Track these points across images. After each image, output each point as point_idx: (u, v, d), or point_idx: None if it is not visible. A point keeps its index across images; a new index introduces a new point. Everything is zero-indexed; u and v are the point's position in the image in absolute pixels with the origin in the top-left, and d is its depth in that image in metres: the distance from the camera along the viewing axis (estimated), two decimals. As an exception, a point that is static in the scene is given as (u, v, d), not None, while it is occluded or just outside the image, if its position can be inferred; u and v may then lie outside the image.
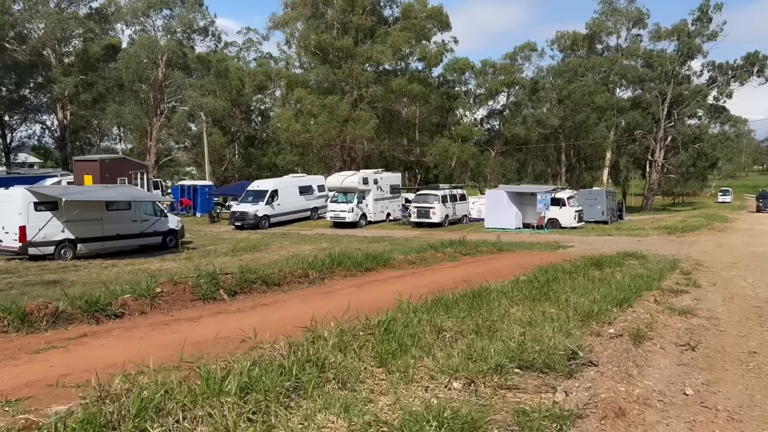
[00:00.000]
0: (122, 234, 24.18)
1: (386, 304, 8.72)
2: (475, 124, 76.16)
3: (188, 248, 25.73)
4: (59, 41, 51.46)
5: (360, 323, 6.75)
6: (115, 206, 24.07)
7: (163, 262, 21.33)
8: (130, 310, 8.38)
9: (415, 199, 34.80)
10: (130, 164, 40.23)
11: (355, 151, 52.87)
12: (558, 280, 11.79)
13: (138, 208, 24.81)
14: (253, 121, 65.45)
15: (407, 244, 24.29)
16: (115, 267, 20.25)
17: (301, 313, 8.35)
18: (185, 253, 24.02)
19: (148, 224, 25.04)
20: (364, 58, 50.43)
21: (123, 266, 20.48)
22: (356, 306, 9.12)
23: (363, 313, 7.45)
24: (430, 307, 8.00)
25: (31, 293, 14.41)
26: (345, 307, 9.15)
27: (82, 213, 22.67)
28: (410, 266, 14.71)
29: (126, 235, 24.33)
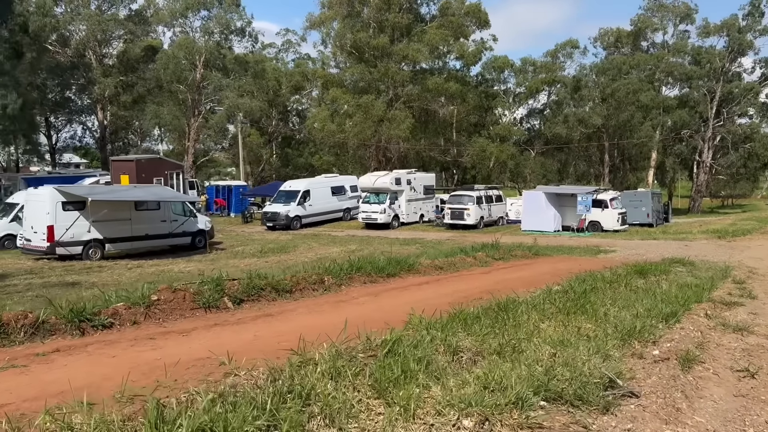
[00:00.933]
0: (151, 234, 23.90)
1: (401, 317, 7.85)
2: (515, 124, 74.41)
3: (217, 249, 25.34)
4: (99, 43, 52.14)
5: (361, 343, 5.86)
6: (144, 206, 23.81)
7: (188, 264, 20.89)
8: (122, 320, 7.70)
9: (449, 200, 33.77)
10: (166, 164, 40.31)
11: (390, 151, 52.04)
12: (596, 290, 10.69)
13: (167, 208, 24.50)
14: (290, 122, 65.27)
15: (438, 247, 23.35)
16: (140, 268, 19.88)
17: (303, 327, 7.53)
18: (213, 254, 23.61)
19: (177, 224, 24.71)
20: (400, 57, 49.56)
21: (147, 267, 20.11)
22: (367, 318, 8.27)
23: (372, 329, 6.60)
24: (447, 322, 7.06)
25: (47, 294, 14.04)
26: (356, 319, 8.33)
27: (110, 213, 22.45)
28: (437, 272, 13.77)
29: (155, 235, 24.05)
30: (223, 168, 73.39)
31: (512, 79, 73.94)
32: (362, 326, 7.56)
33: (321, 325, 7.70)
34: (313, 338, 6.20)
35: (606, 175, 65.81)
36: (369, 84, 50.89)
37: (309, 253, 22.26)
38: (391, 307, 9.19)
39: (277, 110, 61.73)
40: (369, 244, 25.34)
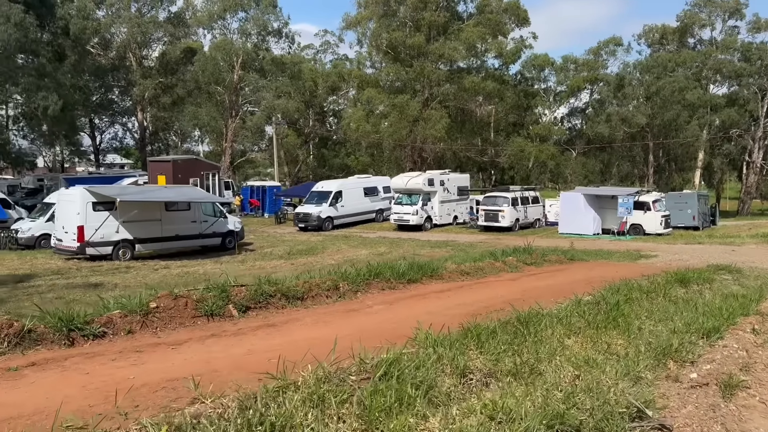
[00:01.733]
0: (181, 235, 23.82)
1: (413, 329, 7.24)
2: (555, 123, 72.82)
3: (247, 250, 25.16)
4: (139, 45, 52.93)
5: (355, 363, 5.27)
6: (174, 207, 23.74)
7: (215, 265, 20.70)
8: (116, 329, 7.29)
9: (483, 201, 32.90)
10: (202, 165, 40.49)
11: (426, 151, 51.35)
12: (631, 301, 9.85)
13: (197, 209, 24.39)
14: (327, 123, 65.20)
15: (470, 250, 22.63)
16: (166, 269, 19.75)
17: (304, 340, 6.99)
18: (242, 256, 23.41)
19: (207, 225, 24.58)
20: (436, 56, 48.84)
21: (174, 269, 19.97)
22: (376, 330, 7.66)
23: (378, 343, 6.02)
24: (457, 338, 6.41)
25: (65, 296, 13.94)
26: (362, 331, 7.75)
27: (140, 213, 22.42)
28: (462, 278, 13.06)
29: (185, 236, 23.96)
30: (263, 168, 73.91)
31: (553, 77, 72.55)
32: (367, 340, 6.96)
33: (324, 337, 7.14)
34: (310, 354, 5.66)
35: (650, 176, 63.70)
36: (404, 84, 50.38)
37: (336, 256, 21.82)
38: (404, 317, 8.56)
39: (314, 111, 61.70)
40: (399, 246, 24.77)
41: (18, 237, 25.24)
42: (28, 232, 25.32)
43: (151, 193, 24.78)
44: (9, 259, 21.12)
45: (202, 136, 66.84)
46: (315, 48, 69.05)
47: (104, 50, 52.21)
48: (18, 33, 32.96)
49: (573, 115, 75.20)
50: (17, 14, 32.64)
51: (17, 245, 24.86)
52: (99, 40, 50.82)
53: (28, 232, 25.31)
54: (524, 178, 59.33)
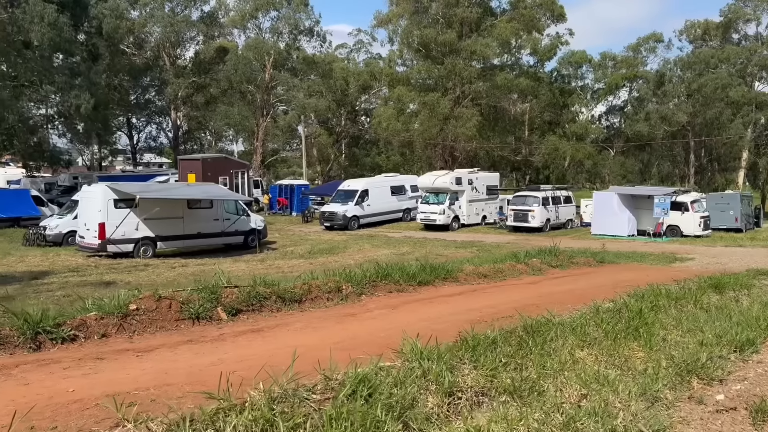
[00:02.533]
0: (203, 233, 23.61)
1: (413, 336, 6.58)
2: (593, 122, 71.03)
3: (269, 249, 24.83)
4: (173, 45, 53.35)
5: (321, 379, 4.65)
6: (197, 204, 23.53)
7: (233, 264, 20.36)
8: (89, 333, 6.83)
9: (512, 201, 31.89)
10: (232, 163, 40.53)
11: (457, 150, 50.42)
12: (658, 308, 8.98)
13: (220, 207, 24.13)
14: (358, 122, 64.78)
15: (496, 251, 21.81)
16: (183, 268, 19.49)
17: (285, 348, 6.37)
18: (263, 254, 23.05)
19: (230, 223, 24.33)
20: (468, 53, 47.83)
21: (191, 267, 19.69)
22: (367, 338, 7.01)
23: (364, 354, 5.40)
24: (449, 350, 5.72)
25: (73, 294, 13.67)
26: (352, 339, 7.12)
27: (162, 211, 22.24)
28: (478, 281, 12.32)
29: (207, 233, 23.74)
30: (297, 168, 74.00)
31: (590, 74, 70.95)
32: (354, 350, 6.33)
33: (308, 345, 6.54)
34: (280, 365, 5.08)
35: (692, 176, 61.52)
36: (435, 81, 49.56)
37: (357, 255, 21.26)
38: (403, 323, 7.88)
39: (346, 110, 61.35)
40: (423, 246, 24.10)
41: (46, 234, 25.33)
42: (56, 229, 25.41)
43: (172, 190, 24.63)
44: (32, 256, 21.15)
45: (235, 136, 67.19)
46: (349, 47, 68.82)
47: (138, 50, 52.78)
48: (52, 32, 33.28)
49: (611, 114, 73.35)
50: (51, 14, 32.98)
51: (45, 242, 24.96)
52: (133, 39, 51.36)
53: (55, 229, 25.41)
54: (560, 178, 58.02)
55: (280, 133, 56.09)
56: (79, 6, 37.91)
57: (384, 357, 5.67)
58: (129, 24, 48.20)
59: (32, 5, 32.73)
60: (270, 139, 56.68)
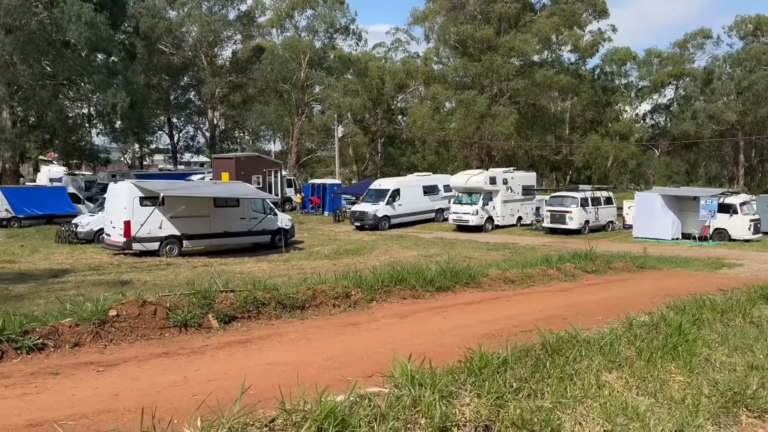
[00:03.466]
0: (230, 232, 23.22)
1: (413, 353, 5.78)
2: (637, 120, 68.63)
3: (296, 248, 24.33)
4: (210, 44, 53.58)
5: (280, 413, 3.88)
6: (223, 203, 23.15)
7: (256, 264, 19.88)
8: (60, 341, 6.23)
9: (549, 201, 30.59)
10: (265, 162, 40.36)
11: (494, 149, 49.19)
12: (701, 323, 7.95)
13: (247, 206, 23.71)
14: (394, 121, 64.03)
15: (529, 254, 20.74)
16: (206, 267, 19.02)
17: (268, 365, 5.65)
18: (288, 254, 22.55)
19: (256, 222, 23.88)
20: (506, 49, 46.56)
21: (214, 266, 19.19)
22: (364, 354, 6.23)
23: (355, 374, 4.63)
24: (447, 373, 4.89)
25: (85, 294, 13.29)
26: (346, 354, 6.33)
27: (189, 209, 21.91)
28: (503, 287, 11.40)
29: (233, 232, 23.35)
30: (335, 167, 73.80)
31: (634, 72, 68.64)
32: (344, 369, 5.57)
33: (295, 362, 5.80)
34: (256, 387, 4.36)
35: (741, 177, 58.86)
36: (472, 79, 48.48)
37: (383, 256, 20.50)
38: (408, 336, 7.09)
39: (382, 109, 60.66)
40: (452, 248, 23.18)
41: (77, 231, 25.35)
42: (87, 226, 25.40)
43: (197, 188, 24.30)
44: (59, 253, 21.08)
45: (272, 135, 67.24)
46: (386, 46, 68.09)
47: (176, 49, 53.18)
48: (89, 32, 33.50)
49: (656, 112, 70.78)
50: (88, 13, 33.19)
51: (77, 239, 24.98)
52: (171, 39, 51.75)
53: (86, 227, 25.40)
54: (602, 179, 56.25)
55: (315, 132, 55.77)
56: (117, 5, 38.18)
57: (371, 380, 4.88)
58: (166, 23, 48.53)
59: (70, 4, 33.00)
60: (305, 138, 56.42)
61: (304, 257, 21.66)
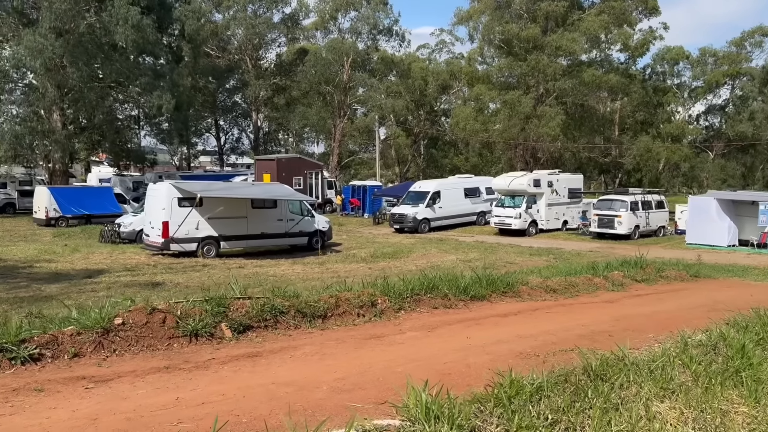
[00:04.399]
0: (267, 233, 22.99)
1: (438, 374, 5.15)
2: (690, 122, 65.97)
3: (333, 251, 23.93)
4: (255, 47, 53.88)
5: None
6: (261, 204, 22.91)
7: (291, 266, 19.53)
8: (58, 351, 5.83)
9: (597, 205, 29.31)
10: (306, 164, 40.23)
11: (540, 150, 47.88)
12: (766, 343, 7.03)
13: (284, 207, 23.42)
14: (437, 122, 63.19)
15: (575, 260, 19.80)
16: (240, 269, 18.81)
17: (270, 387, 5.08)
18: (324, 257, 22.16)
19: (294, 224, 23.58)
20: (553, 48, 45.27)
21: (249, 268, 19.01)
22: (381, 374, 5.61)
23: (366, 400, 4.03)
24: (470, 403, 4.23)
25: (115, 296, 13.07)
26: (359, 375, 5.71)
27: (227, 210, 21.77)
28: (544, 297, 10.61)
29: (271, 234, 23.10)
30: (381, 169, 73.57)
31: (688, 71, 65.92)
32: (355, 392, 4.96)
33: (303, 382, 5.23)
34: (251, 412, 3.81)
35: (803, 181, 55.73)
36: (517, 79, 47.37)
37: (421, 261, 19.86)
38: (434, 353, 6.43)
39: (424, 110, 59.93)
40: (493, 252, 22.37)
41: (120, 231, 25.52)
42: (130, 226, 25.53)
43: (234, 189, 24.15)
44: (99, 253, 21.17)
45: (316, 137, 67.33)
46: (430, 47, 67.26)
47: (222, 52, 53.70)
48: (136, 35, 33.91)
49: (710, 113, 67.89)
50: (135, 16, 33.59)
51: (120, 239, 25.16)
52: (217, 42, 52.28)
53: (129, 227, 25.53)
54: (653, 181, 54.28)
55: (357, 134, 55.45)
56: (163, 8, 38.60)
57: (382, 409, 4.26)
58: (212, 26, 49.03)
59: (117, 8, 33.46)
60: (347, 140, 56.17)
61: (340, 260, 21.22)
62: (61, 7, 31.95)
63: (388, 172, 68.21)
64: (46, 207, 30.01)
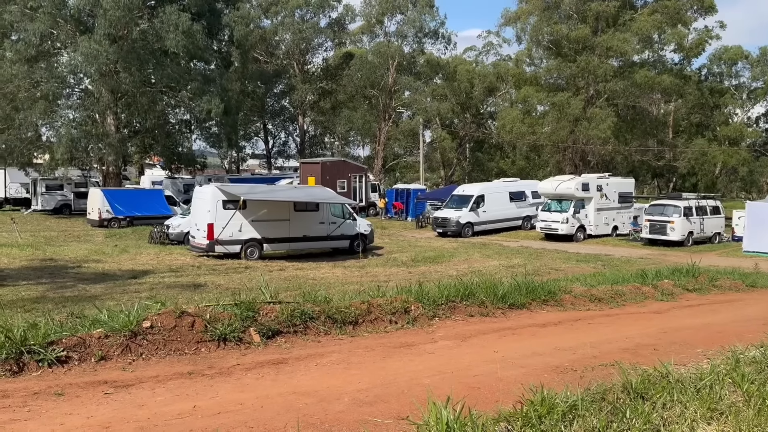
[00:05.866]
0: (309, 236, 23.08)
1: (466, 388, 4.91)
2: (749, 124, 63.21)
3: (374, 254, 23.90)
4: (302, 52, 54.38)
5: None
6: (303, 207, 23.02)
7: (331, 270, 19.52)
8: (86, 353, 5.82)
9: (649, 210, 28.38)
10: (350, 167, 40.30)
11: (590, 154, 46.69)
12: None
13: (326, 210, 23.46)
14: (483, 125, 62.44)
15: (624, 267, 19.16)
16: (281, 271, 18.94)
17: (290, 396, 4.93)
18: (365, 260, 22.12)
19: (335, 227, 23.60)
20: (604, 49, 44.11)
21: (289, 271, 19.11)
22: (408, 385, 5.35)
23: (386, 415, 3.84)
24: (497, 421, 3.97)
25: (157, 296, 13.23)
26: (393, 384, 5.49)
27: (269, 213, 21.95)
28: (588, 305, 10.18)
29: (312, 237, 23.20)
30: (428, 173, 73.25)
31: (747, 72, 63.07)
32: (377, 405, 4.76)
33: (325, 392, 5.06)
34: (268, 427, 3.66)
35: None
36: (567, 80, 46.35)
37: (462, 266, 19.55)
38: (465, 365, 6.17)
39: (470, 113, 59.30)
40: (539, 258, 21.85)
41: (169, 233, 26.03)
42: (178, 228, 26.02)
43: (277, 192, 24.31)
44: (146, 254, 21.62)
45: (361, 140, 67.47)
46: (477, 50, 66.59)
47: (270, 57, 54.37)
48: (186, 40, 34.64)
49: (772, 115, 64.86)
50: (185, 22, 34.34)
51: (168, 240, 25.67)
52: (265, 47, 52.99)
53: (177, 228, 26.02)
54: (708, 186, 52.22)
55: (402, 137, 55.25)
56: (213, 15, 39.33)
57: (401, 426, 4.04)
58: (260, 32, 49.70)
59: (168, 14, 34.27)
60: (392, 143, 56.03)
61: (381, 264, 21.12)
62: (116, 14, 32.87)
63: (433, 175, 67.79)
64: (99, 208, 30.86)
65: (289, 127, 64.73)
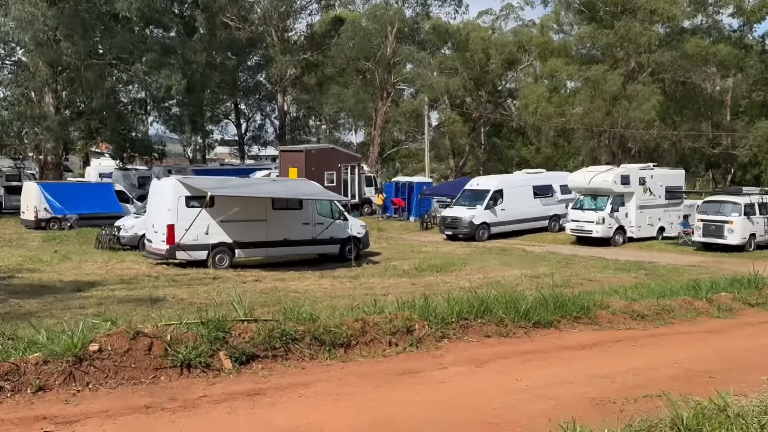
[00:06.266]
0: (290, 240, 23.19)
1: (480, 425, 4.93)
2: (824, 104, 63.68)
3: (369, 262, 24.17)
4: (281, 16, 54.46)
5: None
6: (283, 205, 23.05)
7: (318, 280, 19.68)
8: (21, 383, 5.85)
9: (702, 207, 28.62)
10: (340, 155, 40.33)
11: (630, 139, 47.03)
12: None
13: (311, 209, 23.54)
14: (500, 105, 62.74)
15: (672, 277, 19.36)
16: (257, 283, 19.08)
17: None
18: (359, 269, 22.34)
19: (323, 228, 23.72)
20: (647, 13, 44.56)
21: (267, 281, 19.24)
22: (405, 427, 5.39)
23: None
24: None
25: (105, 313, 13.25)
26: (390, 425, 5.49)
27: (243, 212, 21.94)
28: (629, 323, 10.24)
29: (295, 241, 23.31)
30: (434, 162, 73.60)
31: (821, 41, 63.41)
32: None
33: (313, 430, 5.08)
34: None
35: None
36: (602, 51, 46.79)
37: (476, 276, 19.76)
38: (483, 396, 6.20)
39: (486, 90, 59.56)
40: (568, 266, 22.11)
41: (120, 235, 25.93)
42: (131, 230, 25.91)
43: (253, 187, 24.37)
44: (93, 261, 21.67)
45: (354, 124, 67.61)
46: (494, 14, 66.78)
47: (242, 23, 54.48)
48: (140, 2, 34.63)
49: None
50: (139, -19, 34.35)
51: (119, 245, 25.60)
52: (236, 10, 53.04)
53: (130, 231, 25.92)
54: (775, 178, 52.52)
55: (403, 120, 55.44)
56: (174, -26, 39.43)
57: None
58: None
59: (119, -30, 34.32)
60: (391, 126, 56.21)
61: (378, 273, 21.32)
62: (55, -29, 32.96)
63: (441, 165, 67.97)
64: (35, 206, 30.81)
65: (266, 107, 64.75)
